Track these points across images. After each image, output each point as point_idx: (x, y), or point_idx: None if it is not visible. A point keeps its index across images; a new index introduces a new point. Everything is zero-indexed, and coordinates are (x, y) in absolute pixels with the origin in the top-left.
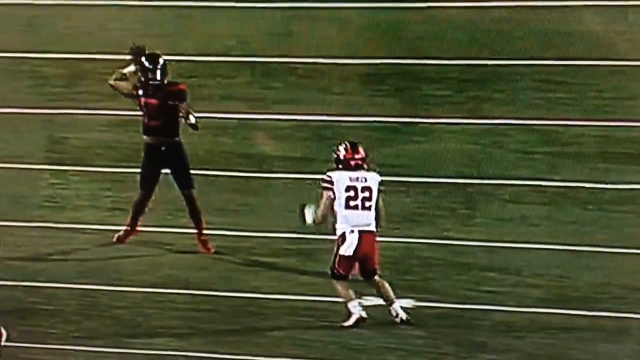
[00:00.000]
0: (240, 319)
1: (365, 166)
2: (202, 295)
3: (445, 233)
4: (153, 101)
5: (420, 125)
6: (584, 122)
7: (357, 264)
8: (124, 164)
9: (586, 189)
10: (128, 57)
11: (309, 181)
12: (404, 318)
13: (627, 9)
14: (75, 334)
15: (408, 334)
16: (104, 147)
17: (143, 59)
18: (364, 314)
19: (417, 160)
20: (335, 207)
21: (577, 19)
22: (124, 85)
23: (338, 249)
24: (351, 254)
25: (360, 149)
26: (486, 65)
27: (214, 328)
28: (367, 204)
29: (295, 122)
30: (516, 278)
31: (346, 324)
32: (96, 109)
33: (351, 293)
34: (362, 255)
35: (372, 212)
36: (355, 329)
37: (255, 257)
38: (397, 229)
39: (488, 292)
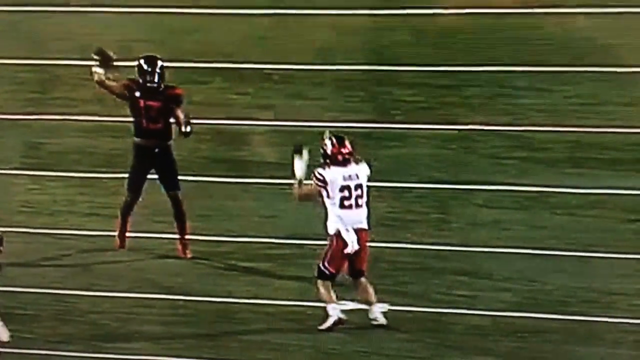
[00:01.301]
0: (218, 323)
1: (352, 159)
2: (179, 300)
3: (418, 237)
4: (155, 104)
5: (394, 130)
6: (555, 128)
7: (346, 263)
8: (100, 169)
9: (557, 194)
10: (94, 60)
11: (285, 186)
12: (384, 323)
13: (597, 16)
14: (53, 339)
15: (384, 337)
16: (80, 152)
17: (142, 61)
18: (342, 317)
19: (391, 165)
20: (328, 206)
21: (547, 27)
22: (114, 85)
23: (331, 247)
24: (356, 249)
25: (347, 143)
26: (458, 71)
27: (191, 332)
28: (359, 201)
29: (269, 127)
30: (489, 282)
31: (323, 327)
32: (72, 115)
33: (333, 295)
34: (354, 254)
35: (365, 209)
36: (331, 333)
37: (233, 262)
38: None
39: (461, 296)
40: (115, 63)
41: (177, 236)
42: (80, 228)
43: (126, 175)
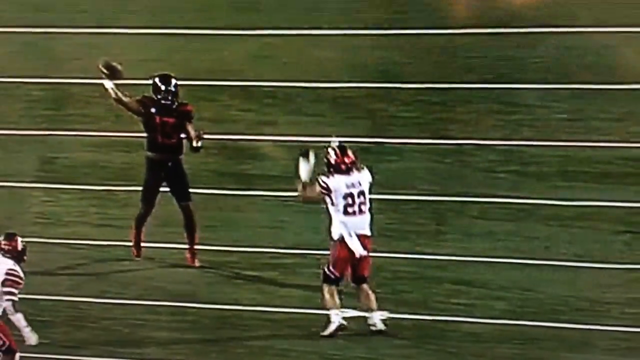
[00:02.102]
0: (223, 329)
1: (354, 168)
2: (188, 307)
3: (416, 248)
4: (170, 120)
5: (391, 145)
6: (545, 143)
7: (349, 268)
8: (111, 182)
9: (549, 206)
10: (103, 74)
11: (288, 198)
12: (382, 329)
13: (582, 35)
14: (67, 344)
15: (384, 344)
16: (91, 166)
17: (157, 79)
18: (344, 323)
19: (389, 178)
20: (332, 212)
21: (539, 46)
22: (130, 101)
23: (335, 252)
24: (363, 253)
25: (349, 152)
26: (453, 88)
27: (199, 338)
28: (363, 207)
29: (272, 142)
30: (484, 291)
31: (325, 332)
32: (84, 131)
33: (336, 301)
34: (357, 260)
35: (367, 215)
36: (333, 340)
37: (238, 271)
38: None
39: (457, 304)
40: (122, 75)
41: (186, 246)
42: (93, 238)
43: (136, 188)
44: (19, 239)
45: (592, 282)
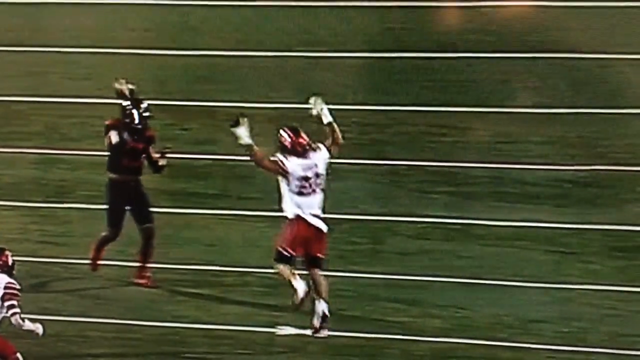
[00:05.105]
0: (163, 346)
1: (310, 149)
2: (129, 324)
3: (353, 267)
4: (139, 145)
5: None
6: (478, 164)
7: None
8: (51, 199)
9: (480, 226)
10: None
11: (226, 216)
12: (326, 312)
13: (512, 60)
14: None
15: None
16: (33, 183)
17: (128, 104)
18: (306, 288)
19: (326, 198)
20: (286, 191)
21: (467, 72)
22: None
23: (290, 230)
24: (325, 229)
25: (302, 134)
26: (386, 110)
27: (139, 352)
28: (317, 188)
29: (211, 161)
30: (419, 309)
31: (297, 301)
32: (26, 148)
33: (294, 271)
34: (310, 240)
35: (320, 194)
36: (272, 357)
37: (179, 288)
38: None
39: (394, 322)
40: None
41: (126, 263)
42: (33, 255)
43: (75, 205)
44: (8, 253)
45: (525, 300)
